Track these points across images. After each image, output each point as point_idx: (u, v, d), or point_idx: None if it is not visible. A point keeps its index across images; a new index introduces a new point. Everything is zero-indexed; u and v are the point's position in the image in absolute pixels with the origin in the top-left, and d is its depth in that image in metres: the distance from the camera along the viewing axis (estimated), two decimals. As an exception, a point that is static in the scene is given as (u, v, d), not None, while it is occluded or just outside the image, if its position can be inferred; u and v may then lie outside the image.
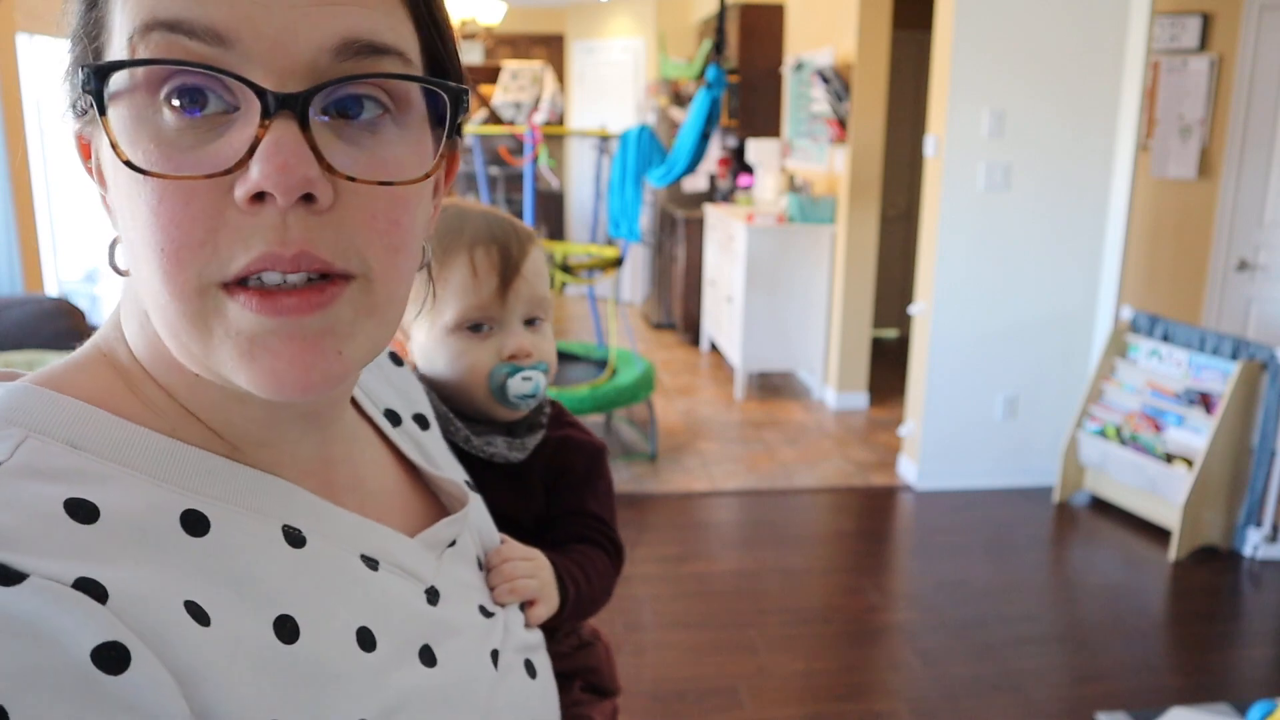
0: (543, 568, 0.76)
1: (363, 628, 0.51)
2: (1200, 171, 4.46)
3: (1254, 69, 4.23)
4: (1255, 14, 4.20)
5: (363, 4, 0.43)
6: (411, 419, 0.71)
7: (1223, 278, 4.45)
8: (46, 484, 0.42)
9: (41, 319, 3.36)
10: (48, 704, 0.36)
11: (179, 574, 0.43)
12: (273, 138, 0.40)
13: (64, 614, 0.37)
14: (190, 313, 0.43)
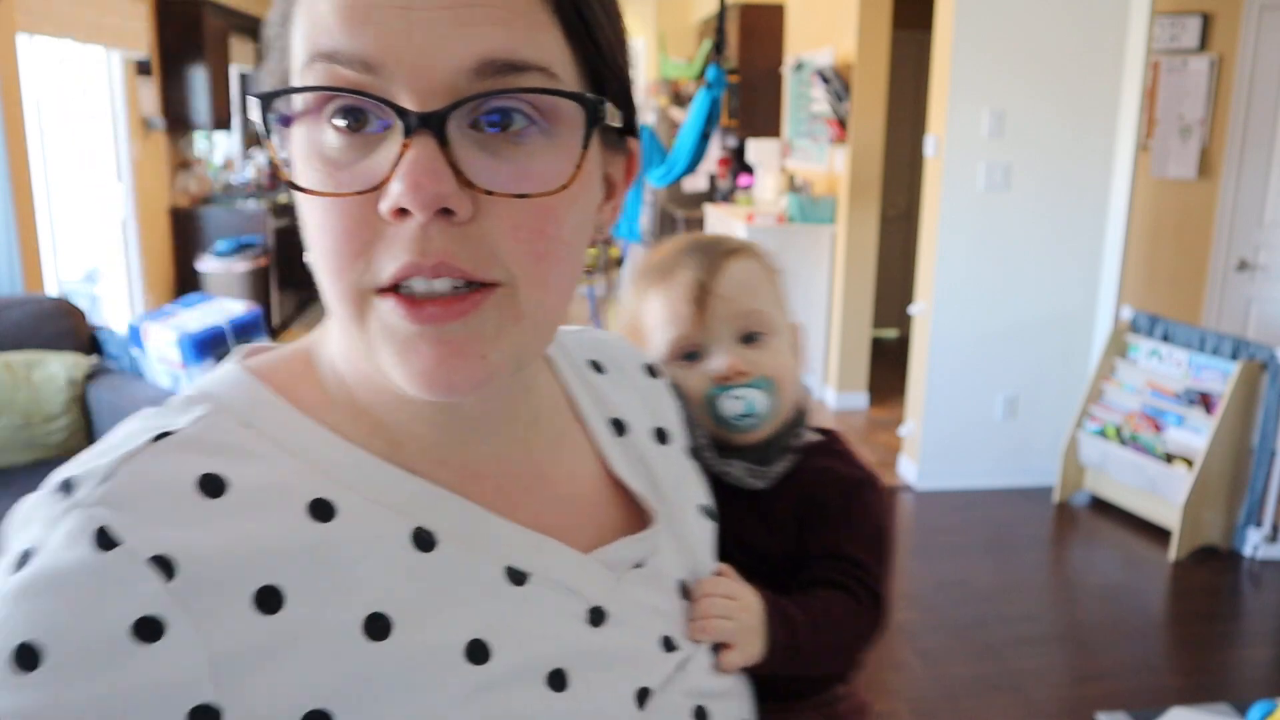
0: (745, 609, 0.68)
1: (477, 640, 0.51)
2: (1200, 171, 4.46)
3: (1254, 69, 4.23)
4: (1255, 14, 4.20)
5: (503, 23, 0.44)
6: (650, 432, 0.68)
7: (1223, 278, 4.45)
8: (195, 457, 0.47)
9: (41, 319, 3.36)
10: (78, 657, 0.41)
11: (275, 556, 0.47)
12: (410, 156, 0.43)
13: (126, 584, 0.43)
14: (353, 315, 0.47)
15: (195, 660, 0.43)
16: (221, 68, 6.89)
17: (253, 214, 6.74)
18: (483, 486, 0.55)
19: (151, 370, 3.31)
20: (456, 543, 0.52)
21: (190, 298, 3.55)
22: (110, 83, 5.62)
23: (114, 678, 0.42)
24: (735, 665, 0.64)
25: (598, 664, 0.55)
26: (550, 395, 0.62)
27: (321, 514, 0.49)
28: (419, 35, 0.43)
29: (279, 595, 0.46)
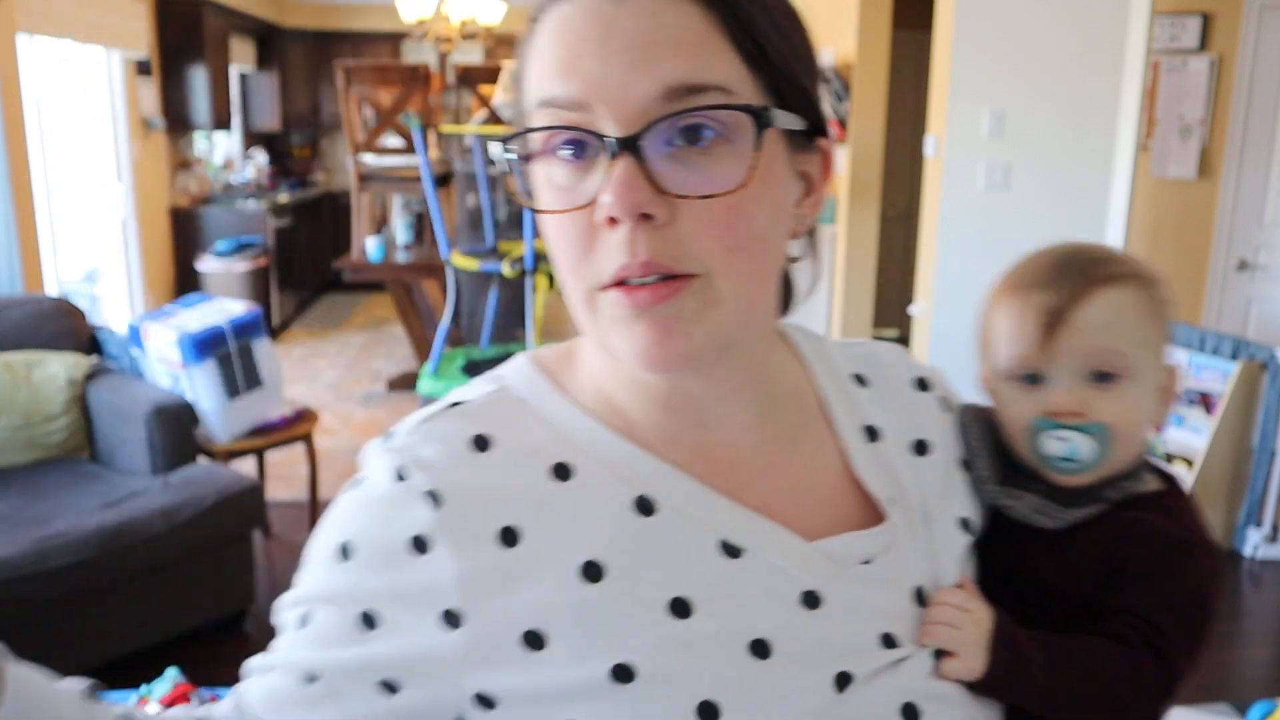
0: (974, 624, 0.66)
1: (680, 598, 0.59)
2: (1200, 171, 4.46)
3: (1254, 69, 4.23)
4: (1255, 14, 4.20)
5: (683, 54, 0.53)
6: (907, 443, 0.71)
7: (1222, 278, 4.45)
8: (474, 422, 0.62)
9: (41, 319, 3.36)
10: (375, 556, 0.59)
11: (519, 504, 0.59)
12: (614, 173, 0.53)
13: (408, 509, 0.59)
14: (587, 307, 0.58)
15: (449, 574, 0.58)
16: (221, 68, 6.89)
17: (253, 214, 6.74)
18: (712, 468, 0.63)
19: (151, 370, 3.31)
20: (675, 512, 0.61)
21: (190, 298, 3.55)
22: (110, 83, 5.62)
23: (395, 576, 0.59)
24: (953, 674, 0.64)
25: (802, 643, 0.59)
26: (797, 395, 0.68)
27: (561, 475, 0.61)
28: (615, 75, 0.53)
29: (517, 534, 0.59)
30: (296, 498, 3.97)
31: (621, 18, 0.54)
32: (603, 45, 0.53)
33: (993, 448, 0.77)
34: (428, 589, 0.58)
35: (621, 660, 0.57)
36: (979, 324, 0.80)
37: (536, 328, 4.31)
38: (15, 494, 2.86)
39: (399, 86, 5.41)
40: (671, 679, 0.57)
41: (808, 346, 0.73)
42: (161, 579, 2.76)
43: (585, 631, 0.57)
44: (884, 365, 0.75)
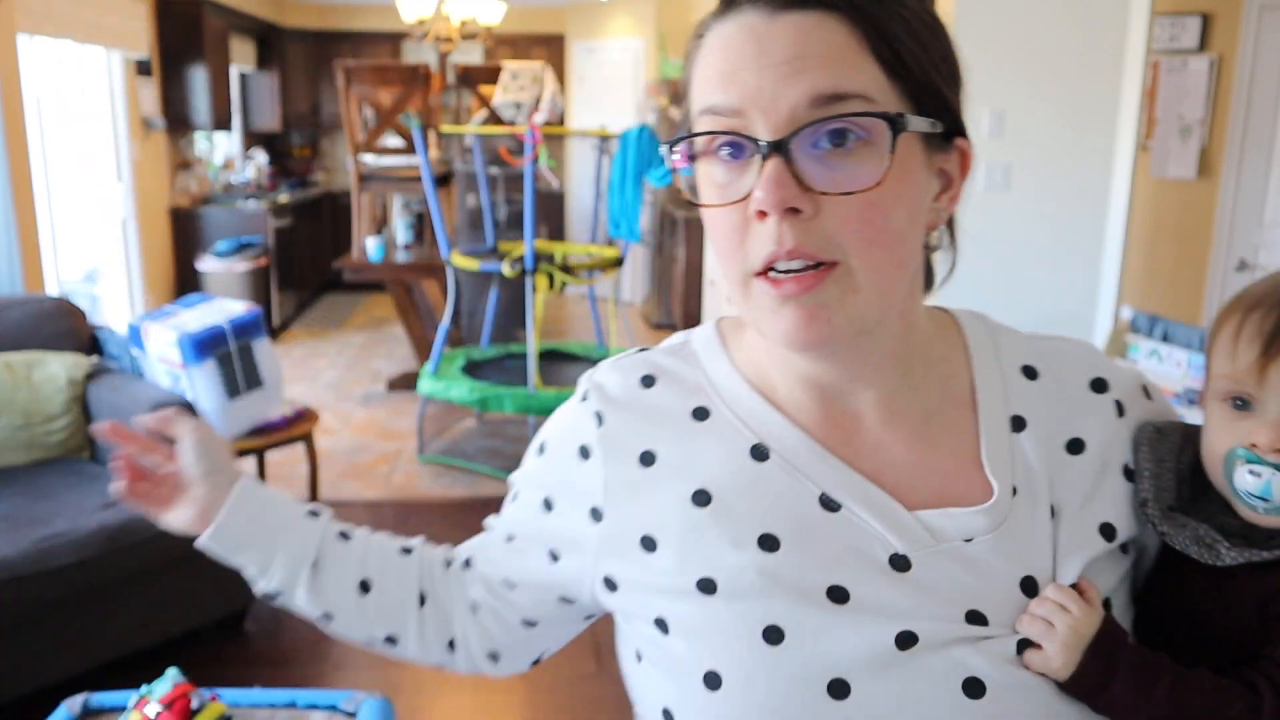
0: (1070, 625, 0.65)
1: (770, 535, 0.67)
2: (1200, 172, 4.46)
3: (1253, 69, 4.23)
4: (1255, 14, 4.20)
5: (827, 67, 0.60)
6: (1061, 441, 0.72)
7: (1222, 278, 4.46)
8: (649, 365, 0.77)
9: (42, 319, 3.36)
10: (556, 456, 0.79)
11: (660, 434, 0.73)
12: (765, 173, 0.60)
13: (582, 424, 0.76)
14: (741, 292, 0.65)
15: (599, 480, 0.74)
16: (221, 68, 6.89)
17: (253, 214, 6.74)
18: (832, 434, 0.71)
19: (152, 370, 3.31)
20: (784, 462, 0.70)
21: (190, 298, 3.55)
22: (110, 83, 5.62)
23: (566, 473, 0.77)
24: (1034, 666, 0.65)
25: (878, 599, 0.65)
26: (943, 378, 0.73)
27: (700, 416, 0.73)
28: (767, 86, 0.60)
29: (654, 457, 0.73)
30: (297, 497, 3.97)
31: (774, 34, 0.61)
32: (757, 59, 0.61)
33: (1175, 469, 0.73)
34: (584, 488, 0.75)
35: (708, 575, 0.67)
36: (1210, 330, 0.76)
37: (536, 328, 4.31)
38: (16, 494, 2.87)
39: (399, 86, 5.41)
40: (747, 600, 0.66)
41: (977, 335, 0.77)
42: (162, 579, 2.76)
43: (685, 545, 0.69)
44: (1063, 361, 0.77)
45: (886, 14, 0.62)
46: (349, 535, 0.88)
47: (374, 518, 3.96)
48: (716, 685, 0.65)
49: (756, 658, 0.64)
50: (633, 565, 0.72)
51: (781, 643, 0.64)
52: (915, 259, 0.67)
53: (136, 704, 1.59)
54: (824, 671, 0.63)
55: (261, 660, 2.91)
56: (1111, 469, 0.73)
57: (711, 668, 0.66)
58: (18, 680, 2.49)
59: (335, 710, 1.73)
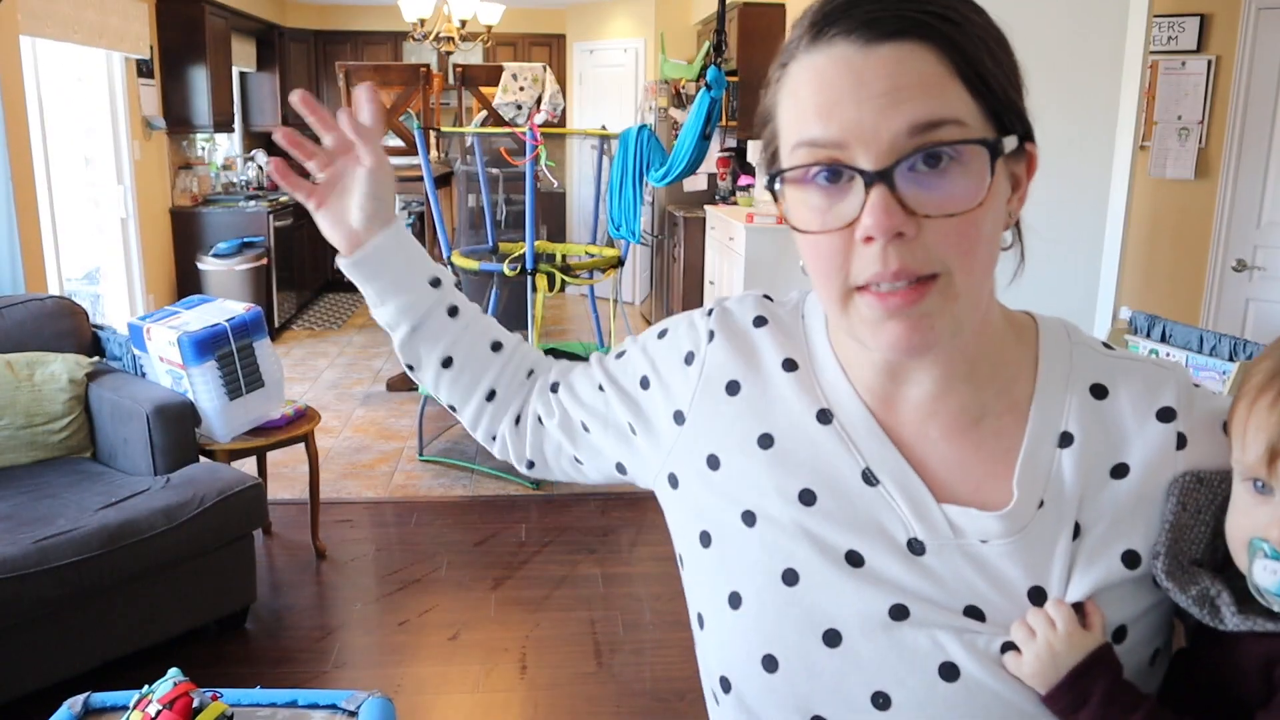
0: (1049, 641, 0.67)
1: (811, 490, 0.75)
2: (1198, 172, 4.47)
3: (1251, 70, 4.24)
4: (1253, 15, 4.21)
5: (922, 96, 0.63)
6: (1107, 464, 0.73)
7: (1220, 278, 4.46)
8: (764, 309, 0.84)
9: (43, 318, 3.37)
10: (668, 342, 0.87)
11: (753, 369, 0.81)
12: (871, 200, 0.62)
13: (698, 334, 0.85)
14: (840, 306, 0.68)
15: (691, 388, 0.83)
16: (223, 68, 6.90)
17: (253, 214, 6.74)
18: (891, 414, 0.75)
19: (153, 370, 3.32)
20: (843, 430, 0.76)
21: (191, 298, 3.56)
22: (111, 84, 5.63)
23: (670, 367, 0.85)
24: (1008, 666, 0.68)
25: (888, 573, 0.70)
26: (1004, 383, 0.76)
27: (788, 367, 0.80)
28: (868, 119, 0.63)
29: (739, 388, 0.81)
30: (297, 497, 3.98)
31: (870, 66, 0.63)
32: (855, 92, 0.63)
33: (1212, 521, 0.71)
34: (678, 389, 0.83)
35: (751, 508, 0.76)
36: (1230, 408, 0.72)
37: (536, 328, 4.32)
38: (17, 493, 2.88)
39: (400, 87, 5.42)
40: (779, 540, 0.73)
41: (1054, 346, 0.78)
42: (163, 578, 2.77)
43: (742, 478, 0.77)
44: (1139, 384, 0.75)
45: (967, 38, 0.66)
46: (456, 312, 0.95)
47: (374, 518, 3.97)
48: (737, 605, 0.74)
49: (772, 592, 0.73)
50: (694, 477, 0.80)
51: (795, 585, 0.72)
52: (995, 262, 0.71)
53: (138, 703, 1.60)
54: (823, 620, 0.71)
55: (262, 660, 2.92)
56: (1153, 500, 0.72)
57: (735, 589, 0.75)
58: (19, 680, 2.50)
59: (336, 709, 1.74)
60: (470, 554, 3.63)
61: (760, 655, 0.72)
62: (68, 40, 4.81)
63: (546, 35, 8.90)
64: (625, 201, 4.30)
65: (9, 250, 3.92)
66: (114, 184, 5.70)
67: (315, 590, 3.38)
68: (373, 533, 3.82)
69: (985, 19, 0.69)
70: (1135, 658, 0.72)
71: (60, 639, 2.56)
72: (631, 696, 2.73)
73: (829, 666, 0.70)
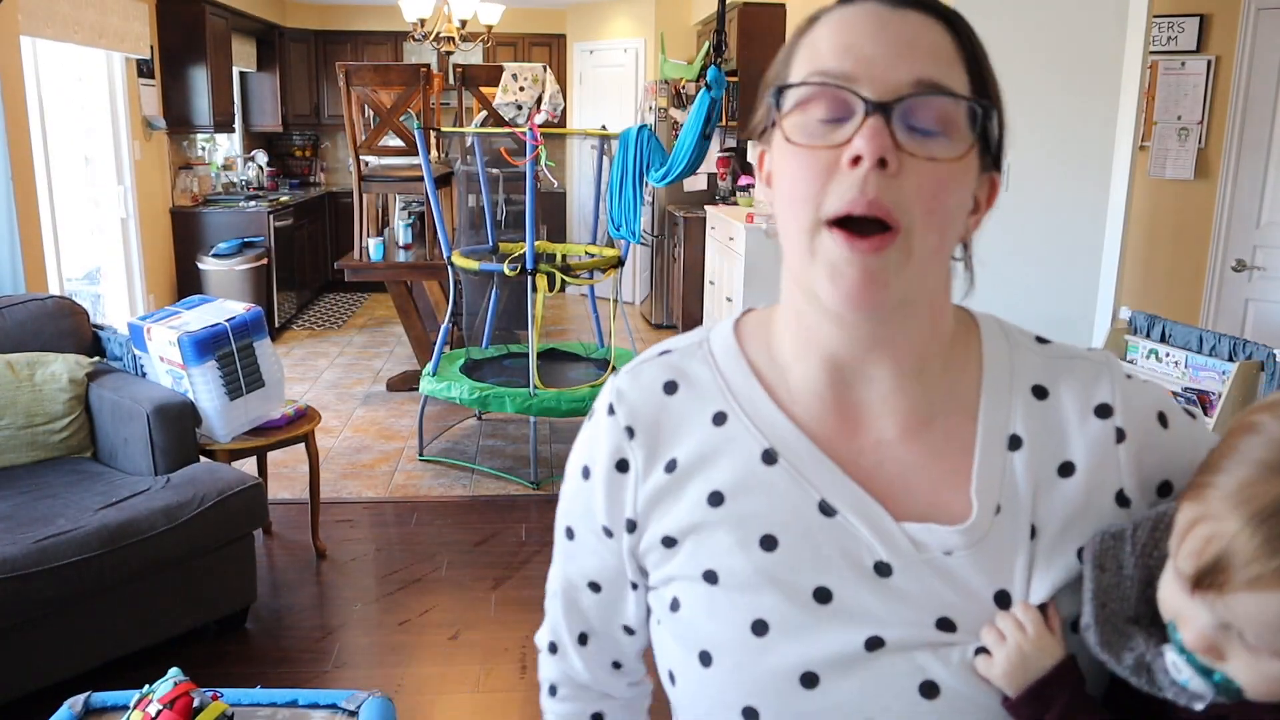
0: (1026, 641, 0.68)
1: (772, 535, 0.73)
2: (1198, 172, 4.47)
3: (1250, 70, 4.24)
4: (1252, 15, 4.21)
5: (932, 59, 0.67)
6: (1054, 463, 0.74)
7: (1220, 278, 4.46)
8: (671, 369, 0.80)
9: (44, 318, 3.37)
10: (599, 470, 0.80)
11: (683, 440, 0.78)
12: (868, 126, 0.65)
13: (615, 437, 0.80)
14: (804, 242, 0.68)
15: (634, 492, 0.79)
16: (223, 68, 6.90)
17: (253, 214, 6.75)
18: (839, 430, 0.75)
19: (153, 370, 3.32)
20: (791, 467, 0.74)
21: (191, 298, 3.56)
22: (111, 84, 5.63)
23: (609, 488, 0.80)
24: (980, 669, 0.70)
25: (858, 603, 0.71)
26: (953, 385, 0.76)
27: (718, 421, 0.77)
28: (881, 58, 0.66)
29: (677, 464, 0.77)
30: (297, 497, 3.99)
31: (895, 21, 0.68)
32: (877, 35, 0.67)
33: (1141, 572, 0.70)
34: (625, 500, 0.80)
35: (713, 568, 0.74)
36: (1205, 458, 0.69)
37: (536, 328, 4.32)
38: (18, 493, 2.88)
39: (400, 87, 5.42)
40: (743, 593, 0.73)
41: (994, 346, 0.79)
42: (163, 578, 2.77)
43: (697, 542, 0.76)
44: (1076, 382, 0.77)
45: (975, 42, 0.72)
46: None
47: (374, 517, 3.97)
48: (709, 663, 0.74)
49: (743, 646, 0.72)
50: (657, 562, 0.79)
51: (765, 635, 0.72)
52: (950, 254, 0.72)
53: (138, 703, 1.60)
54: (798, 665, 0.71)
55: (263, 659, 2.92)
56: (1101, 495, 0.74)
57: (706, 647, 0.74)
58: (20, 679, 2.50)
59: (336, 709, 1.75)
60: (470, 554, 3.64)
61: (740, 707, 0.72)
62: (68, 40, 4.81)
63: (546, 35, 8.90)
64: (625, 201, 4.30)
65: (9, 250, 3.92)
66: (114, 184, 5.71)
67: (315, 590, 3.38)
68: (373, 533, 3.83)
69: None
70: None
71: (60, 639, 2.57)
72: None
73: (810, 708, 0.71)
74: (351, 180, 5.61)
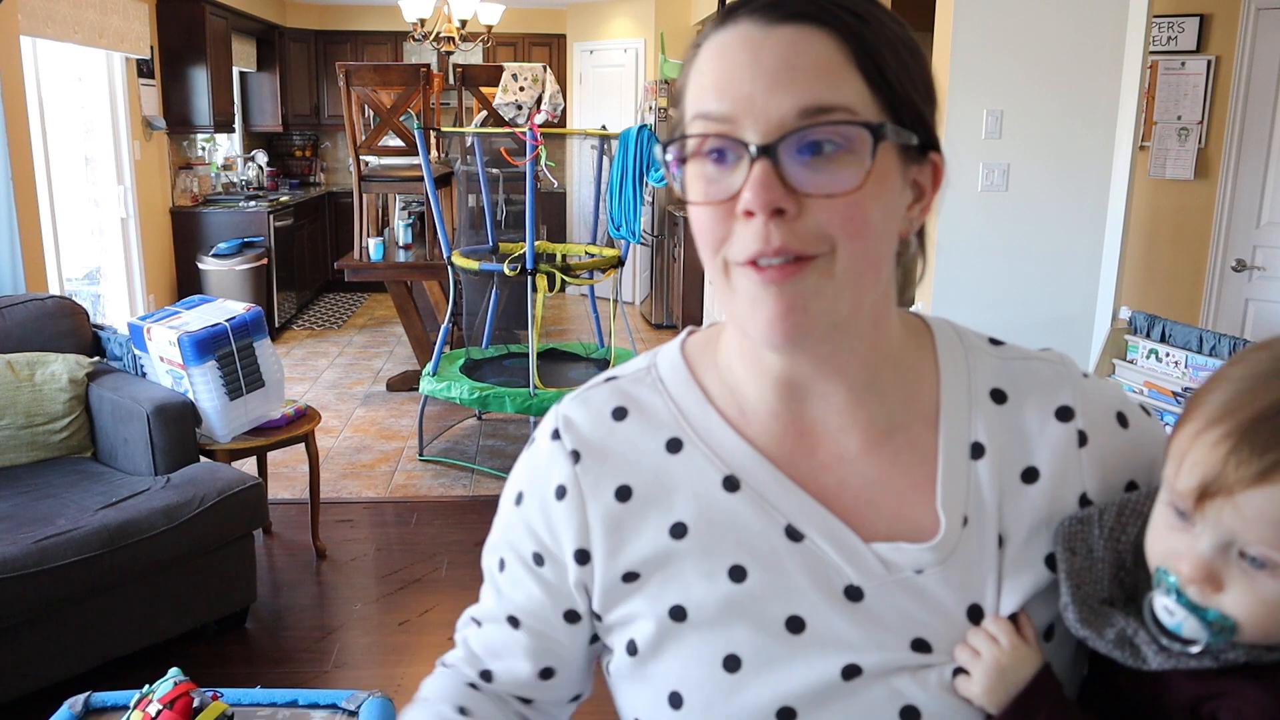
0: (1002, 654, 0.67)
1: (740, 565, 0.70)
2: (1197, 172, 4.47)
3: (1250, 70, 4.24)
4: (1252, 15, 4.21)
5: (815, 80, 0.62)
6: (1017, 469, 0.72)
7: (1219, 278, 4.46)
8: (619, 394, 0.77)
9: (44, 318, 3.37)
10: (536, 499, 0.76)
11: (635, 468, 0.74)
12: (754, 175, 0.62)
13: (557, 463, 0.75)
14: (723, 280, 0.66)
15: (580, 519, 0.74)
16: (223, 68, 6.90)
17: (253, 214, 6.75)
18: (798, 446, 0.73)
19: (153, 370, 3.32)
20: (754, 493, 0.71)
21: (191, 298, 3.56)
22: (111, 84, 5.63)
23: (549, 517, 0.75)
24: (960, 689, 0.68)
25: (831, 630, 0.68)
26: (910, 393, 0.74)
27: (673, 448, 0.74)
28: (759, 95, 0.62)
29: (630, 492, 0.74)
30: (297, 497, 3.99)
31: (768, 45, 0.63)
32: (753, 65, 0.63)
33: (1111, 555, 0.70)
34: (566, 529, 0.75)
35: (679, 603, 0.71)
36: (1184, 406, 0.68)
37: (536, 328, 4.32)
38: (18, 493, 2.88)
39: (400, 87, 5.42)
40: (713, 628, 0.70)
41: (950, 352, 0.77)
42: (163, 578, 2.77)
43: (662, 578, 0.72)
44: (1035, 385, 0.75)
45: (871, 32, 0.64)
46: None
47: (374, 517, 3.97)
48: (679, 705, 0.71)
49: (715, 683, 0.69)
50: (618, 599, 0.74)
51: (738, 671, 0.69)
52: (889, 264, 0.68)
53: (138, 703, 1.60)
54: (774, 700, 0.68)
55: (263, 659, 2.92)
56: (1065, 500, 0.73)
57: (675, 689, 0.71)
58: (19, 679, 2.50)
59: (336, 709, 1.74)
60: (470, 554, 3.63)
61: None
62: (68, 40, 4.81)
63: (546, 35, 8.90)
64: (625, 201, 4.30)
65: (9, 250, 3.92)
66: (114, 184, 5.71)
67: (315, 590, 3.38)
68: (373, 533, 3.83)
69: (897, 26, 0.67)
70: (1064, 653, 0.73)
71: (60, 639, 2.56)
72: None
73: None
74: (351, 180, 5.61)
